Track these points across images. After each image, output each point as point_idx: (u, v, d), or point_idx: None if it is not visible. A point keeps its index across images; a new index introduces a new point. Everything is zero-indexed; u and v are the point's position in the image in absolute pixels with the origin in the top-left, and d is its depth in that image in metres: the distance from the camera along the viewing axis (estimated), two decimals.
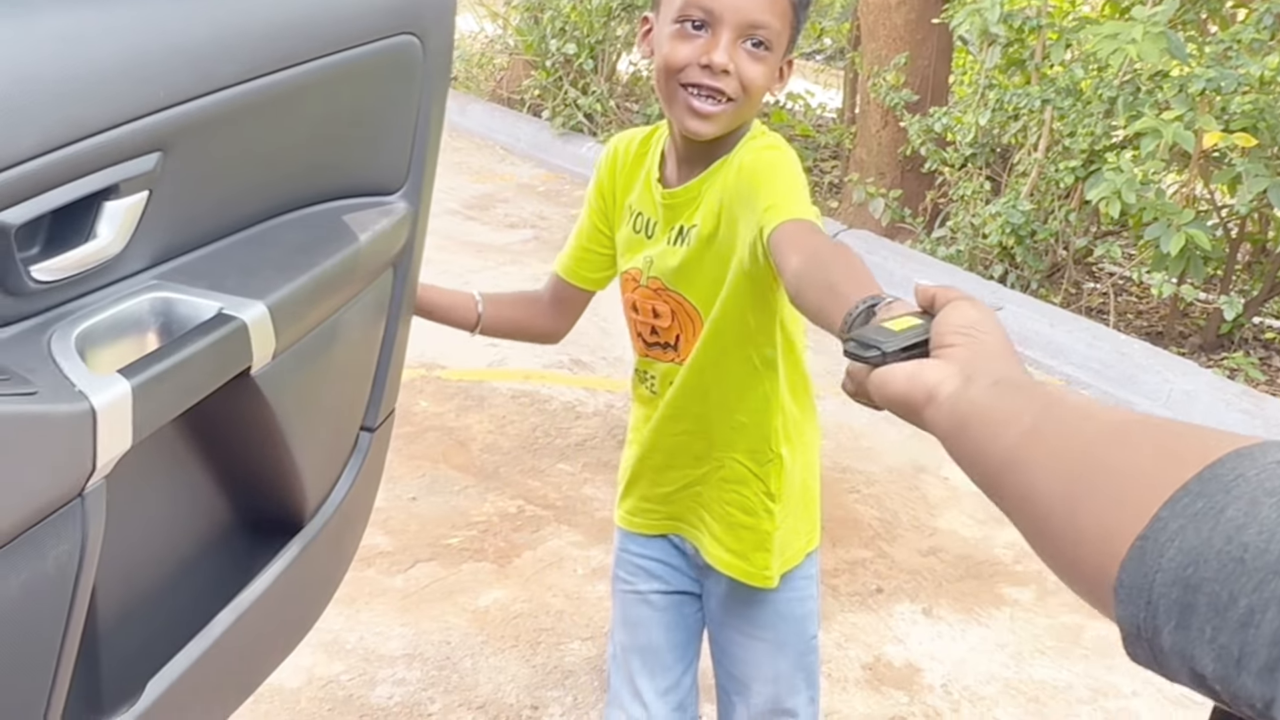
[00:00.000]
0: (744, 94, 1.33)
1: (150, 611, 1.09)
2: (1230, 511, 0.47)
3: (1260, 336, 4.38)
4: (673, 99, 1.35)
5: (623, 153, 1.54)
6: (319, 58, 1.05)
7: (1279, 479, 0.47)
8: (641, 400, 1.60)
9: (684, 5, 1.32)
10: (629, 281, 1.53)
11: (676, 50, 1.32)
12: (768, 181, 1.32)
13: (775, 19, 1.32)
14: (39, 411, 0.80)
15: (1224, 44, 3.97)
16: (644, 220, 1.50)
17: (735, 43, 1.30)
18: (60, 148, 0.80)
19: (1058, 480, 0.58)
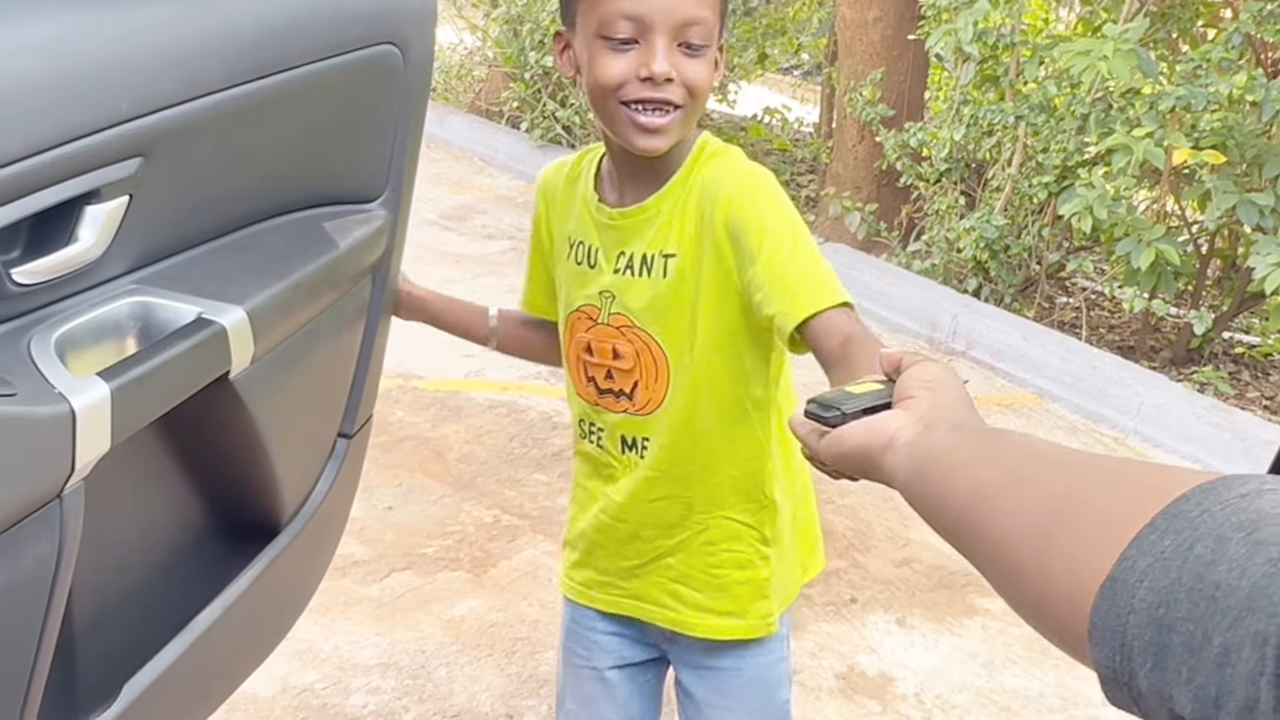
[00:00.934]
0: (691, 98, 1.22)
1: (127, 614, 1.09)
2: (1198, 549, 0.46)
3: (1230, 351, 4.44)
4: (614, 119, 1.23)
5: (553, 183, 1.42)
6: (300, 66, 1.06)
7: (1244, 513, 0.47)
8: (588, 457, 1.44)
9: (607, 18, 1.19)
10: (580, 320, 1.36)
11: (609, 68, 1.20)
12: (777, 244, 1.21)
13: (707, 11, 1.21)
14: (18, 413, 0.80)
15: (1194, 63, 4.03)
16: (585, 249, 1.35)
17: (671, 46, 1.19)
18: (43, 152, 0.81)
19: (1023, 525, 0.58)
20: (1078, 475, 0.58)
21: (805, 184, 6.42)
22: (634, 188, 1.31)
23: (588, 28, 1.21)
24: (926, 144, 4.88)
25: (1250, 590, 0.43)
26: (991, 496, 0.62)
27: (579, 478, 1.47)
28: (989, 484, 0.63)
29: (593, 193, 1.35)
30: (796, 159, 6.68)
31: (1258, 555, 0.44)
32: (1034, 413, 3.87)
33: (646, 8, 1.18)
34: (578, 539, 1.48)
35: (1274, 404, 4.02)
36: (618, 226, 1.32)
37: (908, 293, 4.56)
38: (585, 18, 1.22)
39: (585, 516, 1.45)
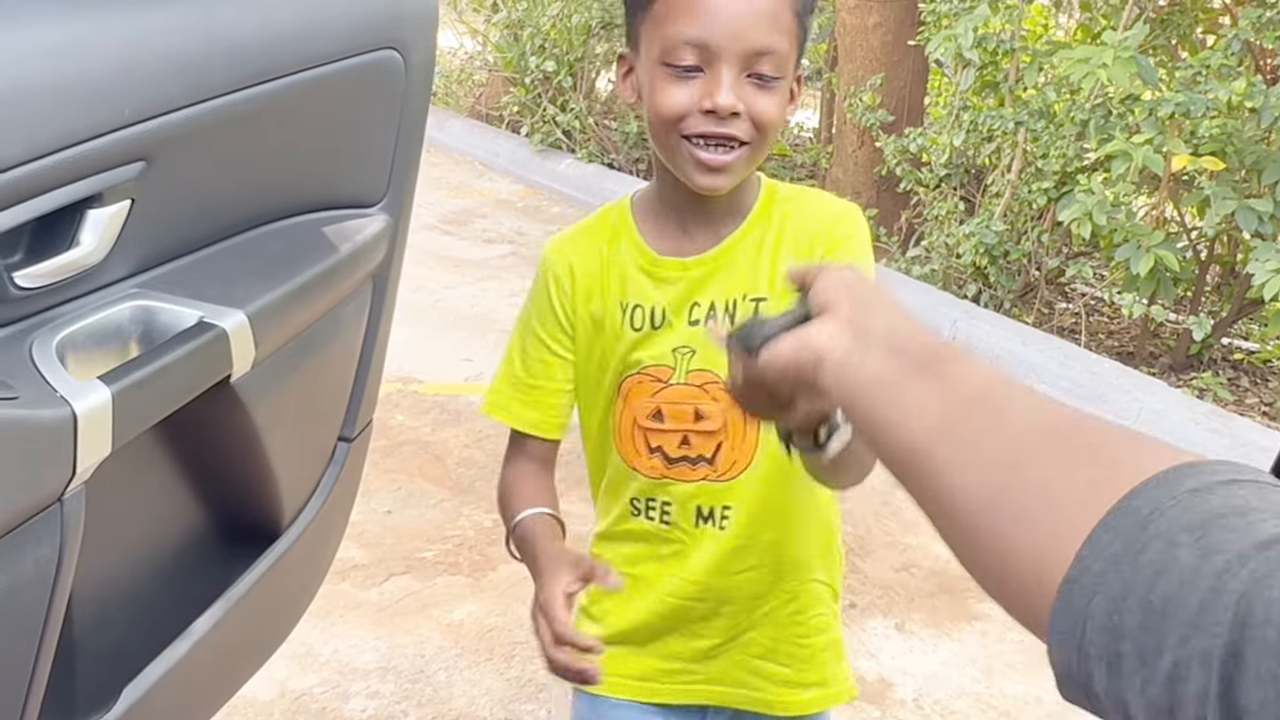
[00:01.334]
0: (759, 134, 1.12)
1: (127, 617, 1.09)
2: (1148, 554, 0.46)
3: (1229, 357, 4.44)
4: (675, 153, 1.13)
5: (577, 260, 1.26)
6: (302, 71, 1.06)
7: (1195, 512, 0.46)
8: (644, 536, 1.29)
9: (670, 44, 1.10)
10: (642, 385, 1.23)
11: (670, 97, 1.10)
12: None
13: (781, 38, 1.11)
14: (20, 416, 0.81)
15: (1193, 69, 4.04)
16: (645, 313, 1.22)
17: (739, 77, 1.09)
18: (46, 155, 0.82)
19: (977, 494, 0.55)
20: (1032, 439, 0.55)
21: None
22: (700, 230, 1.21)
23: (650, 52, 1.12)
24: (926, 149, 4.89)
25: (1198, 606, 0.43)
26: (942, 449, 0.58)
27: (621, 564, 1.26)
28: (937, 434, 0.58)
29: (643, 249, 1.23)
30: (796, 164, 6.69)
31: (1205, 566, 0.44)
32: None
33: (713, 34, 1.08)
34: (632, 632, 1.31)
35: (1273, 410, 4.03)
36: (687, 277, 1.21)
37: (907, 298, 4.54)
38: (648, 40, 1.13)
39: (641, 604, 1.30)
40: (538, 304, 1.28)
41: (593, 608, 1.36)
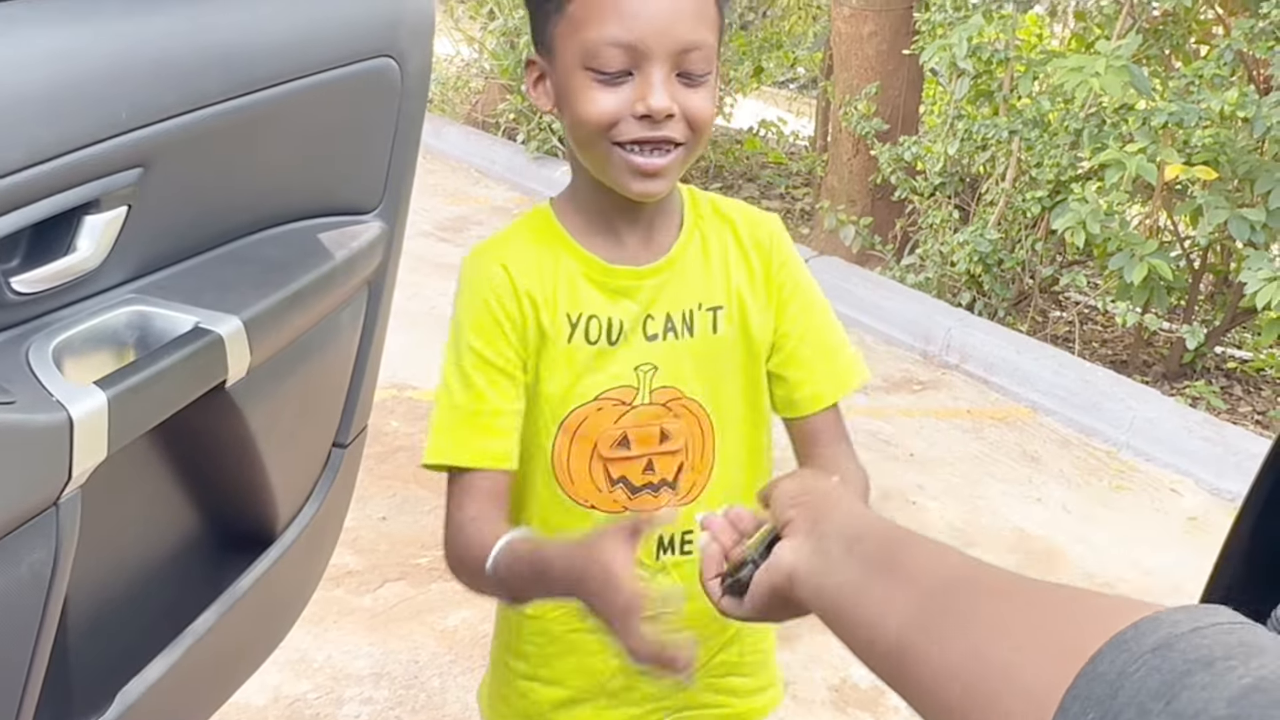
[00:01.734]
0: (693, 134, 1.06)
1: (121, 621, 1.10)
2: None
3: (1222, 366, 4.45)
4: (606, 161, 1.05)
5: (503, 264, 1.13)
6: (299, 78, 1.07)
7: (1160, 674, 0.46)
8: None
9: (593, 47, 1.01)
10: (605, 411, 1.13)
11: (598, 104, 1.02)
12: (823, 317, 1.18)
13: (708, 31, 1.05)
14: (16, 421, 0.81)
15: (1187, 79, 4.05)
16: (600, 325, 1.13)
17: (670, 76, 1.02)
18: (44, 161, 0.82)
19: (951, 684, 0.56)
20: (993, 621, 0.56)
21: (800, 197, 6.43)
22: (633, 237, 1.14)
23: (569, 56, 1.04)
24: (921, 158, 4.90)
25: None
26: (910, 654, 0.60)
27: (574, 621, 1.17)
28: (905, 635, 0.60)
29: (588, 257, 1.13)
30: (791, 172, 6.70)
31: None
32: (1027, 426, 3.89)
33: (640, 34, 1.01)
34: (599, 687, 1.22)
35: (1266, 419, 4.04)
36: (642, 286, 1.14)
37: (901, 306, 4.57)
38: (566, 44, 1.04)
39: (604, 656, 1.19)
40: (476, 320, 1.12)
41: (544, 670, 1.24)
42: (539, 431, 1.15)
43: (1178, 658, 0.46)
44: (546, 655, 1.23)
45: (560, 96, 1.07)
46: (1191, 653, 0.46)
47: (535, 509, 1.17)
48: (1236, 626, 0.48)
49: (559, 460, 1.15)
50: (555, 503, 1.15)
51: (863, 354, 1.25)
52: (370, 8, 1.19)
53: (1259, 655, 0.46)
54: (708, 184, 6.38)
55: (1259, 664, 0.45)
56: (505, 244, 1.17)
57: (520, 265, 1.13)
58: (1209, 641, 0.47)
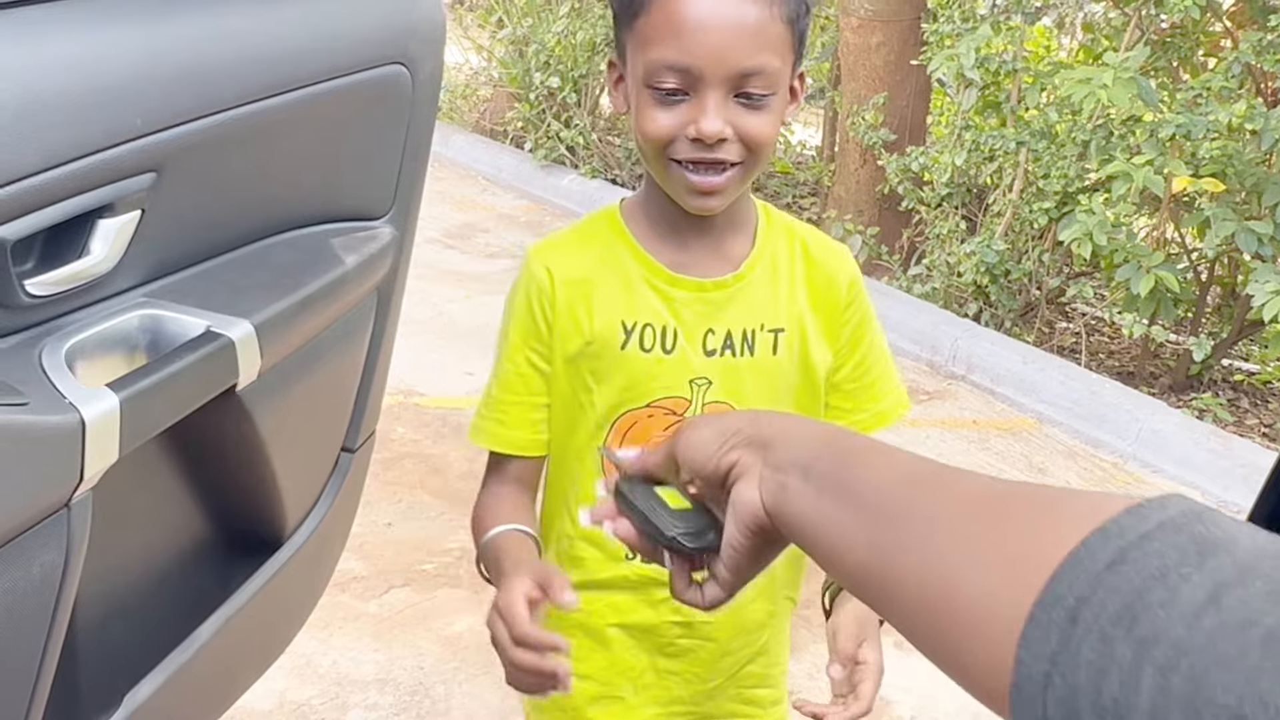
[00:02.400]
0: (750, 154, 1.06)
1: (129, 624, 1.10)
2: (1085, 652, 0.45)
3: (1229, 378, 4.45)
4: (665, 176, 1.08)
5: (550, 265, 1.17)
6: (312, 84, 1.08)
7: (1118, 596, 0.46)
8: (637, 583, 1.21)
9: (652, 67, 1.03)
10: (660, 418, 1.15)
11: (655, 122, 1.04)
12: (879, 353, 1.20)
13: (770, 56, 1.03)
14: (30, 422, 0.82)
15: (1194, 91, 4.06)
16: (655, 332, 1.14)
17: (726, 99, 1.03)
18: (60, 165, 0.83)
19: (918, 606, 0.56)
20: (951, 545, 0.56)
21: (807, 206, 6.44)
22: (701, 246, 1.15)
23: (635, 70, 1.06)
24: (928, 168, 4.91)
25: (1150, 710, 0.43)
26: (876, 578, 0.59)
27: (611, 616, 1.22)
28: (869, 562, 0.60)
29: (651, 262, 1.14)
30: (799, 181, 6.71)
31: (1145, 663, 0.44)
32: (1033, 437, 3.88)
33: (695, 58, 1.01)
34: (628, 687, 1.26)
35: (1273, 431, 4.03)
36: (704, 299, 1.14)
37: (908, 316, 4.57)
38: (633, 58, 1.06)
39: (641, 657, 1.24)
40: (515, 313, 1.18)
41: (579, 665, 1.22)
42: (591, 432, 1.17)
43: (1133, 572, 0.46)
44: (582, 649, 1.24)
45: (631, 103, 1.09)
46: (1145, 564, 0.46)
47: (585, 501, 1.18)
48: (1185, 519, 0.48)
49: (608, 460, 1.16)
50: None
51: None
52: (382, 15, 1.20)
53: (1212, 555, 0.46)
54: None
55: (1214, 567, 0.45)
56: (561, 245, 1.20)
57: (569, 265, 1.16)
58: (1159, 546, 0.47)
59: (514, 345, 1.18)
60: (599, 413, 1.17)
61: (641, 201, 1.18)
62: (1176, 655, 0.43)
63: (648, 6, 1.03)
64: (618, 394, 1.15)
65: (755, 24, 1.02)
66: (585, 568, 1.23)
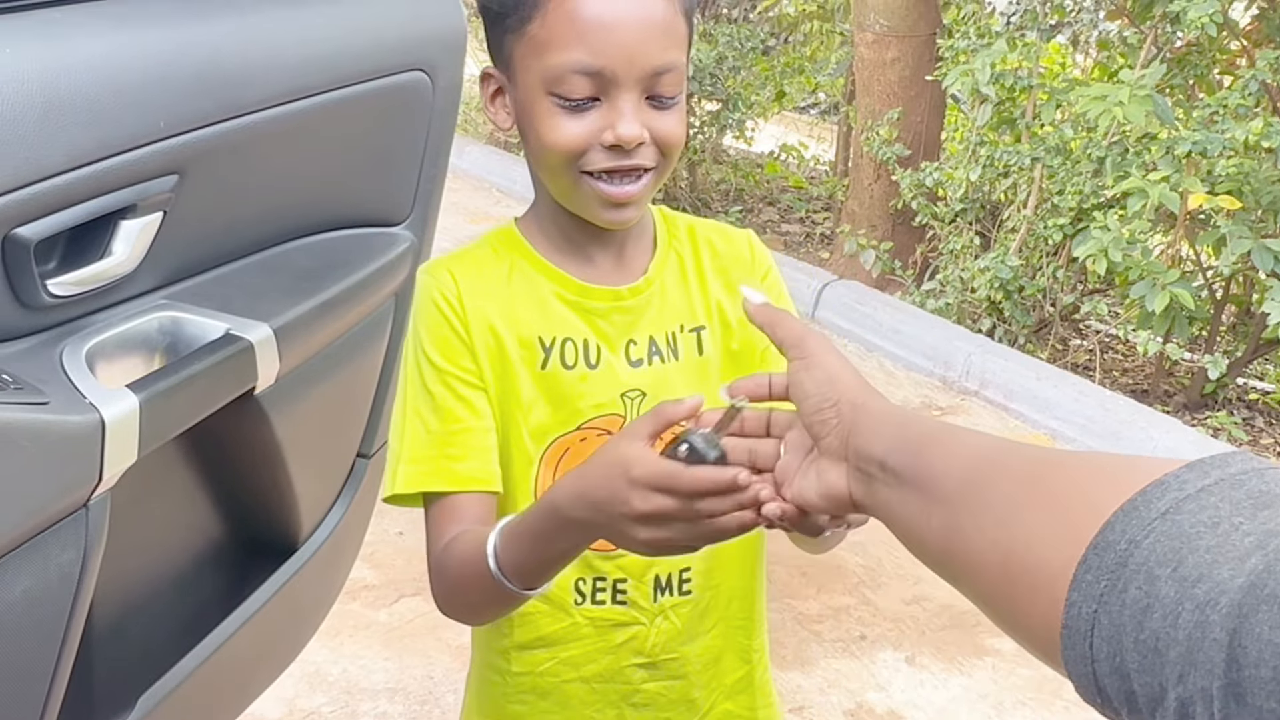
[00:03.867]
0: (664, 157, 0.99)
1: (144, 625, 1.10)
2: (1132, 591, 0.47)
3: (1244, 397, 4.42)
4: (574, 190, 0.99)
5: (453, 277, 1.04)
6: (334, 90, 1.08)
7: (1169, 540, 0.47)
8: (590, 630, 1.10)
9: (557, 73, 0.94)
10: (593, 439, 1.05)
11: (564, 132, 0.95)
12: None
13: (679, 52, 0.98)
14: (49, 421, 0.82)
15: (1210, 109, 4.05)
16: (576, 348, 1.05)
17: (640, 101, 0.96)
18: (84, 166, 0.83)
19: (986, 573, 0.60)
20: (1012, 511, 0.59)
21: (821, 221, 6.44)
22: (605, 257, 1.07)
23: (530, 78, 0.96)
24: (942, 184, 4.91)
25: (1187, 643, 0.44)
26: (953, 556, 0.64)
27: (566, 673, 1.11)
28: (944, 541, 0.64)
29: (562, 275, 1.06)
30: (812, 196, 6.72)
31: (1186, 600, 0.44)
32: None
33: (608, 60, 0.93)
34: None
35: None
36: (620, 308, 1.06)
37: (921, 331, 4.56)
38: (526, 65, 0.96)
39: (593, 711, 1.13)
40: (432, 332, 1.03)
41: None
42: (520, 466, 1.06)
43: (1185, 520, 0.47)
44: (536, 712, 1.15)
45: (521, 117, 0.99)
46: (1199, 514, 0.47)
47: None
48: (1245, 476, 0.49)
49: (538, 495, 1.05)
50: None
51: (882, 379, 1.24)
52: (404, 22, 1.20)
53: (1267, 508, 0.46)
54: (728, 207, 6.40)
55: (1265, 518, 0.46)
56: (461, 258, 1.08)
57: (473, 278, 1.05)
58: (1216, 500, 0.48)
59: (436, 366, 1.03)
60: (526, 444, 1.06)
61: (537, 217, 1.09)
62: (1217, 594, 0.43)
63: (543, 8, 0.94)
64: (543, 419, 1.05)
65: (663, 19, 0.96)
66: (533, 624, 1.12)
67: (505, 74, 1.00)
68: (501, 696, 1.16)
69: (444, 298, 1.03)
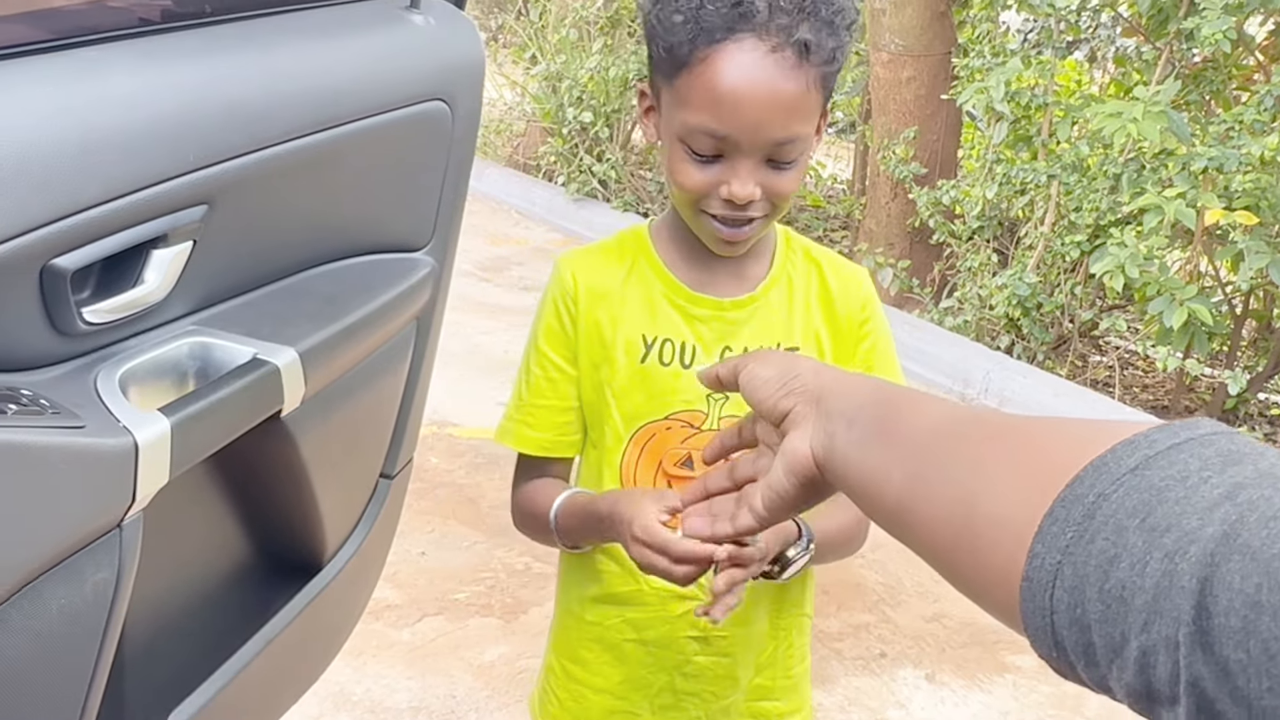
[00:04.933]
0: (775, 208, 1.11)
1: (173, 644, 1.13)
2: (1099, 542, 0.46)
3: (1265, 412, 4.41)
4: (695, 221, 1.13)
5: (598, 279, 1.22)
6: (356, 120, 1.11)
7: (1137, 493, 0.47)
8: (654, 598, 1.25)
9: (689, 130, 1.07)
10: (678, 429, 1.19)
11: (689, 177, 1.08)
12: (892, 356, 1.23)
13: (804, 125, 1.07)
14: (85, 444, 0.85)
15: (1227, 124, 4.05)
16: (674, 347, 1.18)
17: (758, 164, 1.07)
18: (118, 198, 0.86)
19: (946, 529, 0.59)
20: (974, 468, 0.58)
21: (838, 240, 6.46)
22: (723, 270, 1.19)
23: (671, 122, 1.09)
24: (959, 202, 4.92)
25: (1154, 591, 0.44)
26: (909, 508, 0.63)
27: (629, 632, 1.26)
28: (903, 497, 0.63)
29: (674, 281, 1.19)
30: (830, 215, 6.74)
31: (1154, 549, 0.44)
32: None
33: (731, 128, 1.04)
34: (643, 704, 1.28)
35: None
36: (722, 318, 1.18)
37: (940, 349, 4.57)
38: (669, 111, 1.09)
39: (660, 675, 1.27)
40: (543, 318, 1.23)
41: (597, 678, 1.30)
42: (613, 442, 1.21)
43: (1155, 474, 0.47)
44: (600, 663, 1.29)
45: (666, 144, 1.12)
46: (1169, 469, 0.47)
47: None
48: (1215, 437, 0.49)
49: (627, 470, 1.22)
50: None
51: None
52: (424, 53, 1.24)
53: (1235, 464, 0.46)
54: None
55: (1234, 473, 0.46)
56: (589, 256, 1.24)
57: (595, 277, 1.21)
58: (1186, 456, 0.48)
59: (540, 350, 1.23)
60: (618, 424, 1.21)
61: (668, 224, 1.22)
62: (1186, 543, 0.44)
63: (690, 65, 1.05)
64: (637, 405, 1.19)
65: (791, 98, 1.04)
66: (603, 581, 1.27)
67: (655, 101, 1.13)
68: (576, 641, 1.32)
69: (562, 296, 1.21)
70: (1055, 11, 4.42)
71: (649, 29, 1.10)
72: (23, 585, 0.80)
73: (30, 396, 0.84)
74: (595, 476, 1.25)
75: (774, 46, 1.02)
